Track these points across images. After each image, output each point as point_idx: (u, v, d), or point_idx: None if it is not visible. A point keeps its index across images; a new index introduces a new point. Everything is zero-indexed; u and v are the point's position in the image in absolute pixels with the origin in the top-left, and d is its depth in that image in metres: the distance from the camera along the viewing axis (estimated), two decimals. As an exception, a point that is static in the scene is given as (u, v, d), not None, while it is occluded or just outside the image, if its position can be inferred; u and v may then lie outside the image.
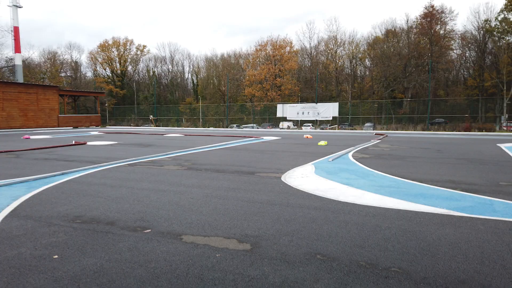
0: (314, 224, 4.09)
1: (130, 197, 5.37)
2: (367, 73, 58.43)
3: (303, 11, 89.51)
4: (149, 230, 3.90)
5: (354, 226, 3.97)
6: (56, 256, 3.22)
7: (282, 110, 33.64)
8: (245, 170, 7.82)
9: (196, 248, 3.40)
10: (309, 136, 17.39)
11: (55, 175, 7.10)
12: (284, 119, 35.41)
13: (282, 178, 6.74)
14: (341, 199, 5.19)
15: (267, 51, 56.43)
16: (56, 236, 3.73)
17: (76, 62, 68.68)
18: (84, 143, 14.43)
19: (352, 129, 33.85)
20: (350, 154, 10.33)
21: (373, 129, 31.74)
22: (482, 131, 25.62)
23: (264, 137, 18.89)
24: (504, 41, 46.86)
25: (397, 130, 28.48)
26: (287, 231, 3.85)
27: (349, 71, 59.03)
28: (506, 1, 44.89)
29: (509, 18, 45.18)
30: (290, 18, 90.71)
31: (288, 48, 56.67)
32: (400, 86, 50.62)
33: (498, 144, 12.86)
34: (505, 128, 29.25)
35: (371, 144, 13.51)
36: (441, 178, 6.71)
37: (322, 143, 14.15)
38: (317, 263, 3.05)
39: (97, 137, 19.66)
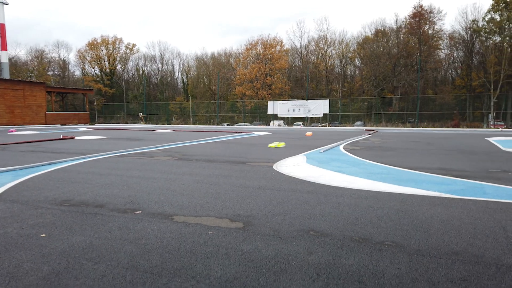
0: (307, 205, 4.06)
1: (119, 184, 5.28)
2: (357, 72, 58.83)
3: (294, 11, 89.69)
4: (140, 212, 3.84)
5: (347, 207, 3.96)
6: (43, 235, 3.14)
7: (273, 107, 33.64)
8: (236, 160, 7.77)
9: (188, 226, 3.35)
10: (309, 133, 17.01)
11: (42, 165, 6.96)
12: (275, 116, 35.39)
13: (274, 167, 6.71)
14: (333, 184, 5.18)
15: (258, 50, 56.41)
16: (43, 218, 3.64)
17: (64, 61, 67.74)
18: (72, 138, 14.20)
19: (343, 126, 33.97)
20: (341, 147, 10.36)
21: (363, 127, 31.90)
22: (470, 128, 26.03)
23: (255, 133, 18.85)
24: (491, 41, 47.59)
25: (386, 127, 28.71)
26: (280, 212, 3.82)
27: (339, 70, 59.35)
28: (493, 2, 45.59)
29: (496, 19, 45.89)
30: (281, 18, 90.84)
31: (278, 47, 56.72)
32: (390, 85, 51.05)
33: (486, 138, 13.04)
34: (492, 127, 29.71)
35: (361, 138, 13.57)
36: (431, 166, 6.75)
37: (273, 145, 10.62)
38: (310, 238, 3.02)
39: (85, 133, 19.38)
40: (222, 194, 4.62)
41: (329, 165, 6.89)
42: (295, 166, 6.73)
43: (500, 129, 20.38)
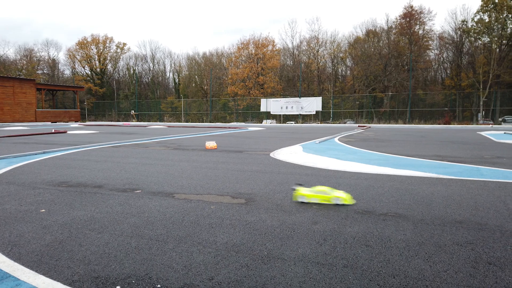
0: (307, 185, 4.06)
1: (116, 168, 5.22)
2: (348, 72, 59.17)
3: (286, 11, 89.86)
4: (140, 191, 3.80)
5: (347, 186, 3.97)
6: (43, 210, 3.09)
7: (266, 105, 33.65)
8: (233, 149, 7.75)
9: (190, 202, 3.33)
10: (211, 145, 12.53)
11: (36, 153, 6.86)
12: (267, 114, 35.39)
13: (271, 155, 6.70)
14: (332, 168, 5.19)
15: (250, 50, 56.42)
16: (41, 196, 3.59)
17: (53, 60, 66.89)
18: (65, 132, 14.03)
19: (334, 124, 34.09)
20: (336, 139, 10.41)
21: (356, 124, 32.06)
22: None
23: (250, 128, 18.82)
24: (480, 42, 48.27)
25: (379, 123, 28.96)
26: (281, 190, 3.81)
27: (331, 70, 59.63)
28: (482, 2, 46.26)
29: (485, 19, 46.56)
30: (274, 19, 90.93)
31: (270, 47, 56.81)
32: (381, 85, 51.46)
33: (478, 132, 13.24)
34: (482, 125, 30.16)
35: (355, 132, 13.67)
36: (427, 153, 6.82)
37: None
38: (313, 211, 3.02)
39: (77, 128, 19.17)
40: (222, 176, 4.60)
41: (326, 153, 6.91)
42: (292, 154, 6.74)
43: (491, 125, 20.67)
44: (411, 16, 52.06)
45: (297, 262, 2.05)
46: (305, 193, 3.29)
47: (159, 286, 1.79)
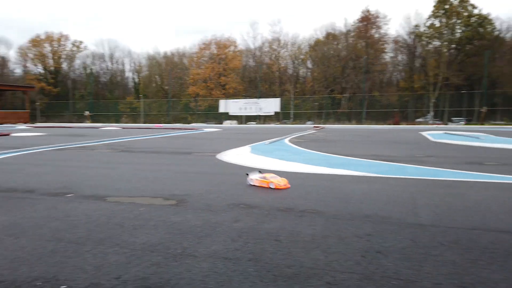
0: (243, 185, 4.21)
1: (54, 172, 5.13)
2: (309, 74, 60.44)
3: (248, 13, 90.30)
4: (72, 195, 3.78)
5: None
6: (-38, 216, 3.02)
7: (225, 105, 33.73)
8: (182, 151, 7.79)
9: (120, 205, 3.37)
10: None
11: (-30, 158, 6.55)
12: (227, 116, 35.47)
13: (217, 156, 6.82)
14: (272, 168, 5.38)
15: (212, 50, 56.24)
16: (-35, 202, 3.48)
17: (3, 58, 63.23)
18: (8, 134, 13.38)
19: (294, 124, 34.70)
20: (286, 139, 10.70)
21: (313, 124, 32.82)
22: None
23: (206, 129, 18.82)
24: (431, 46, 50.97)
25: (333, 124, 29.90)
26: (215, 191, 3.94)
27: (292, 71, 60.66)
28: (433, 8, 48.92)
29: (436, 24, 49.25)
30: (236, 20, 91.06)
31: (232, 48, 56.94)
32: (339, 86, 53.06)
33: (420, 132, 14.09)
34: (431, 124, 31.88)
35: (308, 133, 14.10)
36: (366, 153, 7.22)
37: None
38: (239, 210, 3.17)
39: (24, 130, 18.31)
40: (161, 179, 4.66)
41: (272, 154, 7.12)
42: (239, 155, 6.89)
43: (435, 125, 22.04)
44: (368, 20, 54.08)
45: (207, 259, 2.18)
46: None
47: (64, 286, 1.85)
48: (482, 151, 7.58)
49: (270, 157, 6.60)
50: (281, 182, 4.00)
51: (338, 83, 52.90)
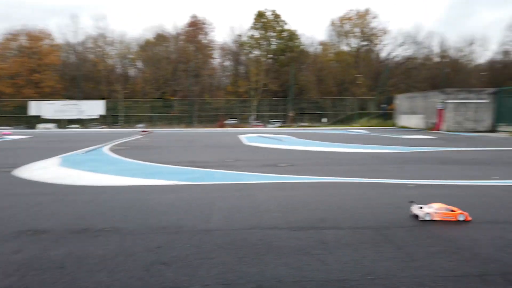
0: (38, 207, 3.85)
1: None
2: (140, 74, 58.64)
3: (66, 3, 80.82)
4: None
5: (82, 204, 3.97)
6: None
7: (38, 108, 29.46)
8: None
9: None
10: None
11: None
12: (39, 119, 30.93)
13: (14, 172, 5.96)
14: (79, 183, 5.07)
15: (21, 42, 48.18)
16: None
17: None
18: None
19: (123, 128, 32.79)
20: (106, 147, 10.15)
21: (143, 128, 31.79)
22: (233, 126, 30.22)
23: (7, 136, 15.94)
24: (252, 54, 56.46)
25: (163, 127, 29.86)
26: (1, 216, 3.48)
27: (121, 71, 57.62)
28: (253, 21, 54.28)
29: (255, 35, 54.79)
30: (51, 10, 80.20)
31: (47, 41, 50.10)
32: (170, 89, 53.32)
33: (237, 136, 15.42)
34: (253, 127, 35.21)
35: (133, 139, 13.64)
36: (183, 159, 7.52)
37: None
38: (24, 238, 2.91)
39: None
40: None
41: (84, 166, 6.67)
42: (44, 169, 6.21)
43: (254, 128, 24.58)
44: (196, 26, 56.05)
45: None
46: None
47: None
48: (280, 153, 8.90)
49: (81, 170, 6.18)
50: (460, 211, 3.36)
51: (170, 85, 53.09)
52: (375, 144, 10.62)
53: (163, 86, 52.70)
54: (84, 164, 6.94)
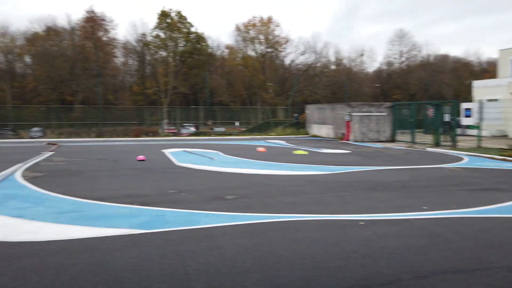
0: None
1: None
2: (30, 71, 52.43)
3: None
4: None
5: (30, 273, 3.51)
6: None
7: None
8: None
9: None
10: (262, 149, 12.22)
11: None
12: None
13: None
14: (12, 239, 4.44)
15: None
16: None
17: None
18: None
19: (18, 137, 28.74)
20: (18, 174, 8.90)
21: (43, 136, 28.38)
22: (149, 135, 28.71)
23: None
24: (159, 55, 54.51)
25: (70, 137, 27.07)
26: None
27: (6, 67, 50.75)
28: (158, 20, 52.34)
29: (161, 35, 52.95)
30: None
31: None
32: (69, 89, 48.80)
33: (162, 150, 14.56)
34: (166, 131, 33.98)
35: (43, 158, 12.01)
36: (120, 193, 7.00)
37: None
38: None
39: None
40: None
41: (5, 207, 5.81)
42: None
43: (172, 137, 23.78)
44: (94, 22, 52.13)
45: None
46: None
47: None
48: (219, 179, 8.55)
49: (3, 215, 5.38)
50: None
51: (68, 85, 48.46)
52: (303, 164, 11.14)
53: (60, 86, 48.00)
54: (3, 204, 6.02)
